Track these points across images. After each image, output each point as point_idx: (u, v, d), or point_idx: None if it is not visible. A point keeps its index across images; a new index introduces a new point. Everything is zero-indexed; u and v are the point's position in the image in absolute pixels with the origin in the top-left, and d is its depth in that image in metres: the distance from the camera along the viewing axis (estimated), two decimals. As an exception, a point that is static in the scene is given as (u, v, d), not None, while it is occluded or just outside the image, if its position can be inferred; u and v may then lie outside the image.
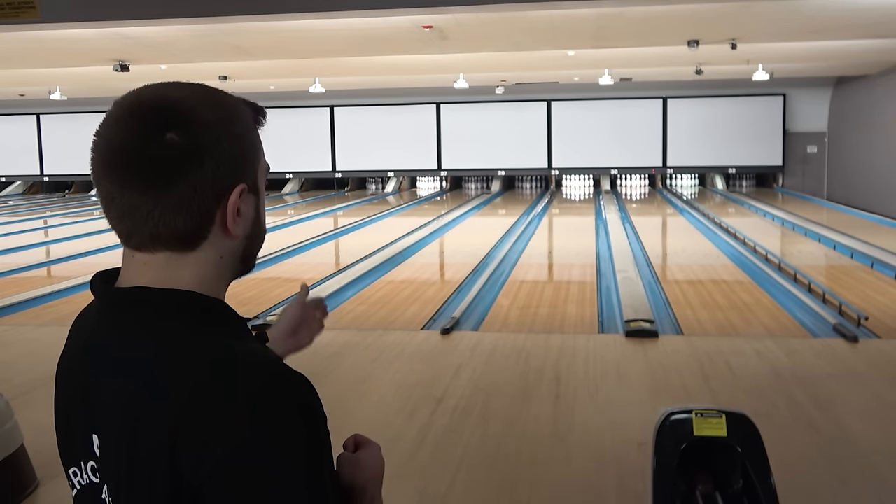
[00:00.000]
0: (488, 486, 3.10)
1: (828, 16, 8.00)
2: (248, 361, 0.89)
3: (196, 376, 0.87)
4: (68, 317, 4.88)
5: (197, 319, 0.95)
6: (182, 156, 0.92)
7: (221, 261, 1.00)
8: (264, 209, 1.06)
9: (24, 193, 21.15)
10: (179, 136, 0.92)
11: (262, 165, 1.03)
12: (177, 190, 0.92)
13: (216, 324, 0.96)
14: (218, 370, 0.88)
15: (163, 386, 0.88)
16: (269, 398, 0.87)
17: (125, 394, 0.90)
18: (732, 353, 4.77)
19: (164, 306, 0.95)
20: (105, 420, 0.92)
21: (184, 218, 0.93)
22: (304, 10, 6.55)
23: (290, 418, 0.87)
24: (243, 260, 1.04)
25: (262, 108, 1.04)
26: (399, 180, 19.96)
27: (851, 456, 3.31)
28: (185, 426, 0.85)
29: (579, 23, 8.07)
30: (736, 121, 17.84)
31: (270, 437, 0.85)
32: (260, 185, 1.03)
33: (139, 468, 0.87)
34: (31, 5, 6.28)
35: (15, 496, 2.97)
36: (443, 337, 5.27)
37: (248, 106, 1.02)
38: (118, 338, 0.95)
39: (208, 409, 0.85)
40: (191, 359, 0.89)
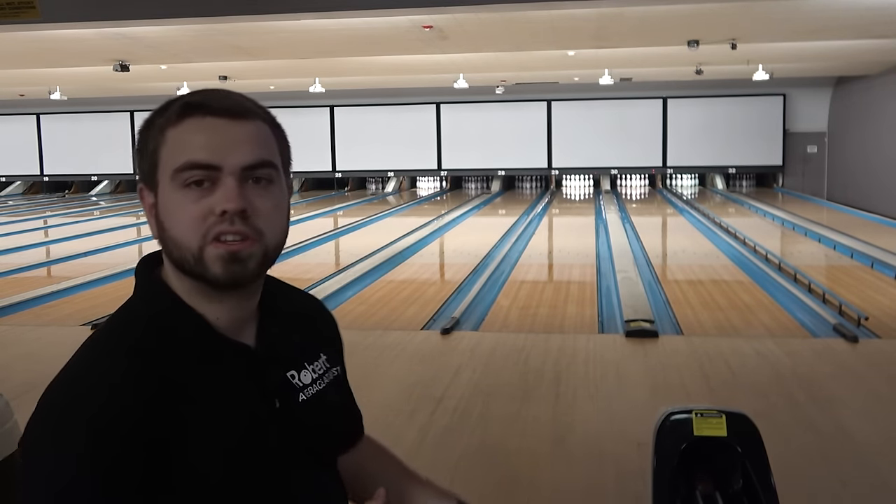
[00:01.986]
0: (488, 486, 3.10)
1: (828, 16, 8.00)
2: (73, 386, 0.94)
3: (57, 383, 0.96)
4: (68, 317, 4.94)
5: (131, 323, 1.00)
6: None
7: (168, 263, 1.04)
8: (175, 211, 0.97)
9: (24, 193, 21.14)
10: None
11: (164, 163, 0.97)
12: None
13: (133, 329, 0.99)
14: (63, 383, 0.95)
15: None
16: (55, 421, 0.91)
17: None
18: (732, 353, 4.77)
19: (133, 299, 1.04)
20: None
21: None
22: (304, 10, 6.55)
23: (50, 457, 0.89)
24: (180, 269, 1.00)
25: (190, 102, 0.98)
26: (399, 180, 19.96)
27: (851, 456, 3.31)
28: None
29: (579, 23, 8.07)
30: (736, 121, 17.84)
31: (31, 456, 0.90)
32: (161, 183, 0.98)
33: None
34: (31, 5, 6.28)
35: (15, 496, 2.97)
36: (443, 337, 5.27)
37: (174, 104, 1.00)
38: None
39: (36, 415, 0.93)
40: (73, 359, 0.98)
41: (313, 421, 1.09)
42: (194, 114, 0.97)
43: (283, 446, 1.03)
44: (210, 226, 0.96)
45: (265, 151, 1.00)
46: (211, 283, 0.98)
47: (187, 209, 0.96)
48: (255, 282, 1.02)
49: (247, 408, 1.00)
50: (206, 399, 0.96)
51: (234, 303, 1.02)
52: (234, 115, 0.98)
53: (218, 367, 1.00)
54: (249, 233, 0.97)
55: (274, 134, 1.03)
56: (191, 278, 0.99)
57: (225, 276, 0.97)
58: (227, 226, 0.96)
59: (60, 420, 0.90)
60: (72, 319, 6.14)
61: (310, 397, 1.09)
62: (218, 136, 0.96)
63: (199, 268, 0.97)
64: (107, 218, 15.16)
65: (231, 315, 1.02)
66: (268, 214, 0.99)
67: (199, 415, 0.95)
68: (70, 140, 20.48)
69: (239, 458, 0.97)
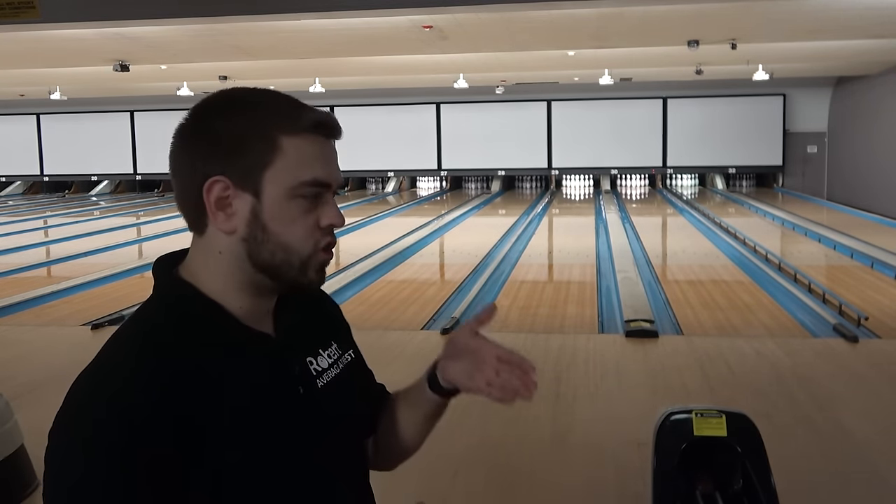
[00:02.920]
0: (488, 487, 3.10)
1: (828, 16, 8.00)
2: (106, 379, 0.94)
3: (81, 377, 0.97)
4: (68, 317, 4.93)
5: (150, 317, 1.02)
6: (181, 139, 1.01)
7: (221, 256, 1.02)
8: (282, 219, 1.00)
9: (24, 193, 21.14)
10: (187, 122, 1.02)
11: (275, 171, 1.00)
12: (177, 172, 1.03)
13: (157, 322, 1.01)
14: (86, 377, 0.96)
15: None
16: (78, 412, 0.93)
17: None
18: (732, 353, 4.77)
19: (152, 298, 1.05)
20: None
21: (183, 200, 1.03)
22: (304, 10, 6.55)
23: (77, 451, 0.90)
24: (258, 267, 1.01)
25: (324, 121, 1.04)
26: (399, 180, 19.96)
27: (851, 456, 3.31)
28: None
29: (579, 23, 8.07)
30: (736, 121, 17.83)
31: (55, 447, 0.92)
32: (266, 188, 0.99)
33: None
34: (31, 5, 6.28)
35: (15, 496, 2.97)
36: (443, 337, 5.27)
37: (284, 111, 1.02)
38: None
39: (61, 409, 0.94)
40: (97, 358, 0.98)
41: (333, 406, 1.11)
42: (320, 132, 1.04)
43: (309, 433, 1.06)
44: (320, 237, 1.04)
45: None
46: (300, 288, 1.05)
47: (304, 219, 1.02)
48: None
49: (273, 396, 1.03)
50: (233, 389, 0.98)
51: (271, 297, 1.07)
52: (336, 136, 1.08)
53: (243, 358, 1.02)
54: (334, 246, 1.07)
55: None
56: (272, 279, 1.03)
57: (318, 282, 1.06)
58: (330, 237, 1.05)
59: (85, 411, 0.92)
60: (72, 319, 6.13)
61: (328, 382, 1.12)
62: (330, 156, 1.06)
63: (299, 273, 1.03)
64: (107, 218, 15.16)
65: (260, 308, 1.06)
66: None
67: (227, 405, 0.97)
68: (70, 140, 20.47)
69: (268, 447, 0.99)
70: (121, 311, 6.10)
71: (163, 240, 11.06)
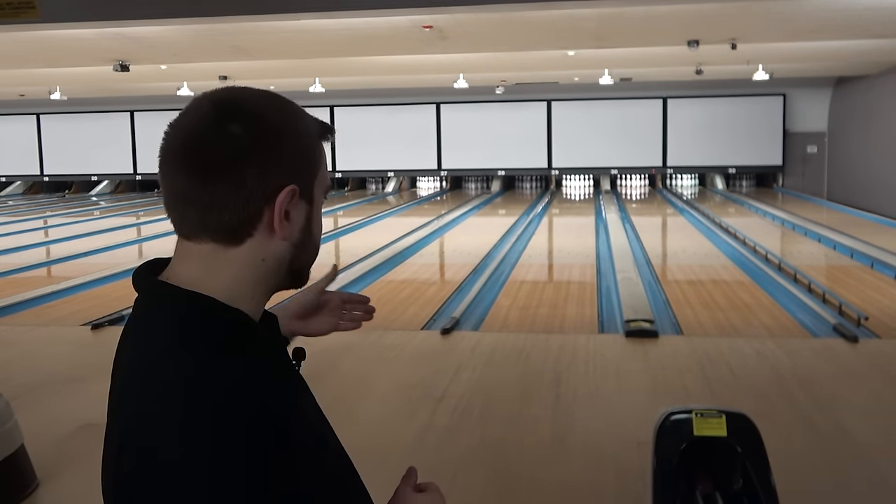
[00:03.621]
0: (488, 487, 3.10)
1: (828, 16, 8.00)
2: (201, 388, 0.89)
3: (151, 389, 0.91)
4: (68, 317, 4.92)
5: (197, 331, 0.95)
6: (239, 147, 0.95)
7: (263, 264, 1.00)
8: (319, 223, 1.05)
9: (24, 193, 21.14)
10: (241, 128, 0.95)
11: (320, 178, 1.03)
12: (229, 179, 0.94)
13: (213, 337, 0.95)
14: (168, 388, 0.90)
15: (129, 391, 0.93)
16: (198, 429, 0.87)
17: (115, 393, 0.96)
18: (732, 353, 4.77)
19: (175, 311, 0.97)
20: (108, 415, 0.97)
21: (231, 209, 0.95)
22: (304, 10, 6.55)
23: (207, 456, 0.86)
24: (291, 271, 1.03)
25: (329, 127, 1.06)
26: (399, 180, 19.96)
27: (851, 456, 3.31)
28: (123, 434, 0.90)
29: (579, 23, 8.07)
30: (736, 121, 17.84)
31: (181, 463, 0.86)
32: (316, 196, 1.02)
33: (107, 466, 0.93)
34: (31, 5, 6.28)
35: (15, 496, 2.97)
36: (443, 337, 5.27)
37: (315, 121, 1.04)
38: (133, 338, 0.99)
39: (146, 425, 0.89)
40: (157, 371, 0.92)
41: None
42: (327, 138, 1.06)
43: (315, 410, 1.08)
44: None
45: None
46: (298, 285, 1.08)
47: (322, 221, 1.08)
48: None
49: (299, 384, 1.06)
50: (280, 382, 1.00)
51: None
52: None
53: (273, 352, 1.04)
54: None
55: None
56: (294, 279, 1.05)
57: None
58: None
59: (220, 422, 0.88)
60: (72, 319, 6.13)
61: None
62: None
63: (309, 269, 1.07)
64: (107, 218, 15.16)
65: (261, 311, 1.06)
66: None
67: (284, 398, 0.98)
68: (70, 140, 20.48)
69: (316, 428, 1.02)
70: (121, 311, 6.10)
71: (163, 240, 11.06)
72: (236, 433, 0.87)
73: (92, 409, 4.28)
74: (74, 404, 3.95)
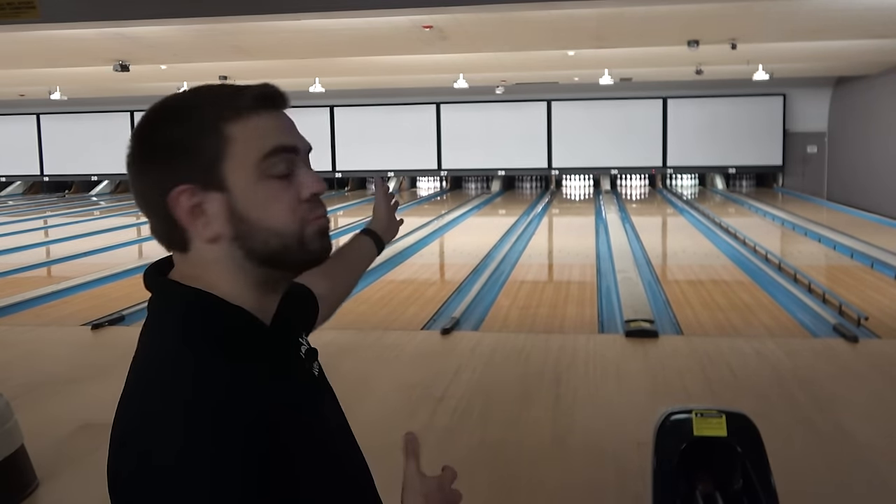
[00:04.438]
0: (488, 487, 3.10)
1: (828, 16, 8.00)
2: (201, 389, 0.89)
3: (151, 389, 0.91)
4: (68, 317, 4.92)
5: (199, 328, 0.95)
6: (130, 160, 0.98)
7: (218, 266, 0.98)
8: (258, 203, 0.96)
9: (24, 193, 21.14)
10: (133, 141, 0.98)
11: (234, 157, 0.95)
12: (135, 191, 0.99)
13: (214, 335, 0.95)
14: (168, 389, 0.90)
15: (132, 389, 0.93)
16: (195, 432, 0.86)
17: (123, 391, 0.96)
18: (732, 353, 4.77)
19: (179, 309, 0.97)
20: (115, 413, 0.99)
21: (153, 218, 0.99)
22: (304, 10, 6.55)
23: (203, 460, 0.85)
24: (260, 262, 0.98)
25: (262, 90, 0.99)
26: (399, 180, 19.96)
27: (851, 456, 3.31)
28: (124, 433, 0.90)
29: (579, 23, 8.07)
30: (736, 121, 17.84)
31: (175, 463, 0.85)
32: (231, 179, 0.95)
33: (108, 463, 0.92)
34: (31, 5, 6.28)
35: (15, 496, 2.97)
36: (443, 337, 5.27)
37: (235, 96, 0.98)
38: (142, 337, 0.99)
39: (145, 426, 0.88)
40: (159, 370, 0.92)
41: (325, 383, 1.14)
42: (263, 105, 0.99)
43: (330, 413, 1.08)
44: (306, 209, 0.99)
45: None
46: (309, 265, 1.01)
47: (283, 197, 0.98)
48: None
49: (307, 389, 1.05)
50: (281, 386, 0.98)
51: (279, 292, 1.04)
52: (285, 105, 1.03)
53: (277, 355, 1.02)
54: (325, 211, 1.03)
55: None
56: (276, 268, 0.99)
57: (323, 250, 1.01)
58: (315, 205, 1.00)
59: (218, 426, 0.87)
60: (72, 319, 6.13)
61: (316, 364, 1.15)
62: (285, 124, 1.02)
63: (301, 251, 0.99)
64: (107, 218, 15.16)
65: (272, 305, 1.04)
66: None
67: (283, 400, 0.96)
68: (70, 140, 20.47)
69: (322, 434, 1.01)
70: (121, 311, 6.10)
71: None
72: (233, 437, 0.87)
73: (92, 409, 4.29)
74: (74, 404, 3.95)
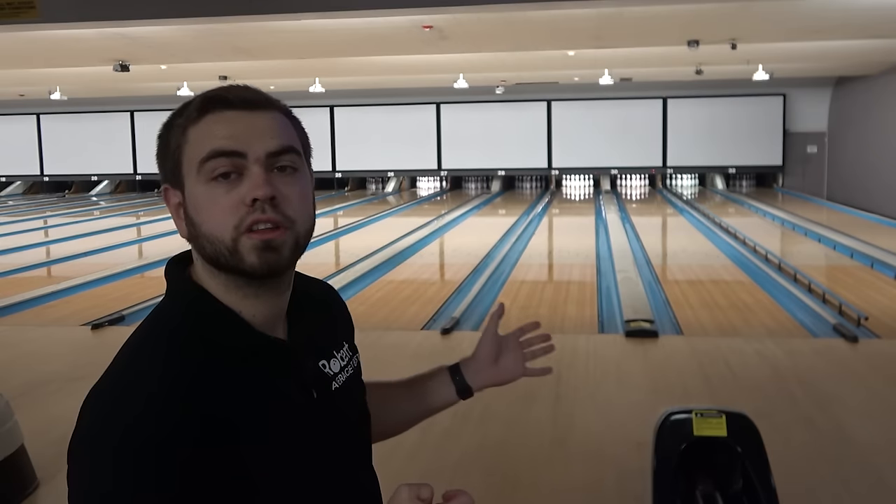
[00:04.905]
0: (488, 487, 3.10)
1: (828, 16, 7.99)
2: (132, 386, 0.93)
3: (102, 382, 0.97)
4: (68, 317, 4.92)
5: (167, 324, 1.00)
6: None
7: (201, 263, 1.02)
8: (200, 206, 0.97)
9: (24, 193, 21.14)
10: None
11: (187, 158, 0.98)
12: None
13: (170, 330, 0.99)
14: (108, 386, 0.95)
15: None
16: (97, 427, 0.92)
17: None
18: (732, 353, 4.76)
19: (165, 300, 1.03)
20: None
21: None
22: (304, 10, 6.55)
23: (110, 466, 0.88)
24: (213, 266, 0.99)
25: (209, 97, 1.00)
26: (399, 180, 19.96)
27: (851, 456, 3.30)
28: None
29: (579, 23, 8.07)
30: (736, 121, 17.83)
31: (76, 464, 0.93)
32: (187, 182, 0.98)
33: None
34: (31, 5, 6.28)
35: (15, 496, 2.97)
36: (443, 337, 5.27)
37: (197, 100, 1.01)
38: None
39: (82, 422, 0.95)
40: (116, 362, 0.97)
41: (349, 408, 1.11)
42: (214, 108, 0.98)
43: (324, 437, 1.04)
44: (242, 216, 0.95)
45: (287, 138, 1.01)
46: (247, 275, 0.98)
47: (218, 202, 0.96)
48: (288, 270, 1.02)
49: (288, 402, 1.01)
50: (248, 397, 0.96)
51: (269, 297, 1.02)
52: (253, 107, 0.99)
53: (257, 364, 1.00)
54: (281, 220, 0.97)
55: (292, 124, 1.04)
56: (226, 273, 0.99)
57: (261, 265, 0.96)
58: (258, 214, 0.95)
59: (103, 426, 0.90)
60: (72, 319, 6.13)
61: (341, 385, 1.11)
62: (240, 127, 0.97)
63: (235, 260, 0.96)
64: (107, 218, 15.16)
65: (266, 310, 1.02)
66: (296, 201, 0.99)
67: (243, 413, 0.95)
68: (70, 140, 20.47)
69: (285, 453, 0.98)
70: (121, 311, 6.10)
71: (163, 240, 11.06)
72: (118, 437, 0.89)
73: (92, 409, 4.28)
74: (74, 404, 3.92)
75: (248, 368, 0.98)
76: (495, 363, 1.36)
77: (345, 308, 1.26)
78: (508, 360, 1.38)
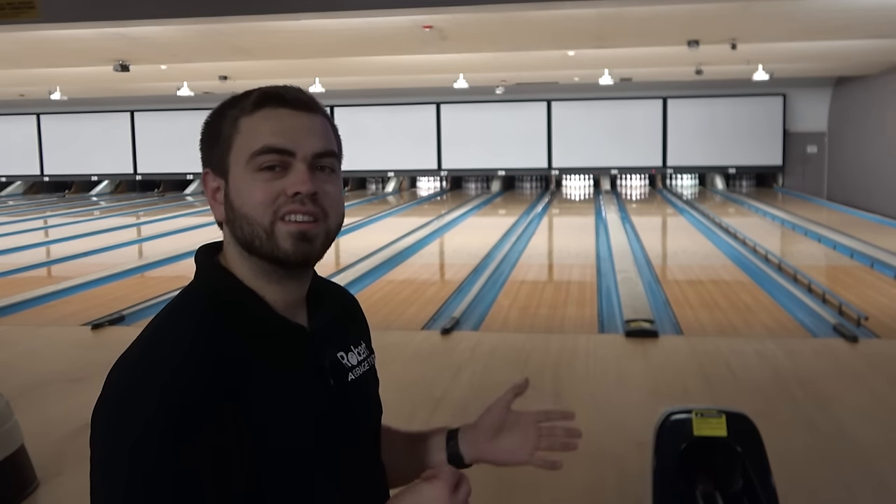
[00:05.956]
0: (488, 487, 3.10)
1: (828, 16, 7.99)
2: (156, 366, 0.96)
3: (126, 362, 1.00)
4: (68, 317, 4.93)
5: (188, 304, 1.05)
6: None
7: (230, 246, 1.08)
8: (243, 193, 1.04)
9: (24, 193, 21.14)
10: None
11: (237, 148, 1.05)
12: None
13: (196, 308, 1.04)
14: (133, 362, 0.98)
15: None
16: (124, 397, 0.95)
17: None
18: (732, 354, 4.77)
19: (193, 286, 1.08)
20: None
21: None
22: (304, 10, 6.55)
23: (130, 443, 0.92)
24: (245, 249, 1.06)
25: (265, 93, 1.07)
26: (399, 180, 19.96)
27: (851, 456, 3.31)
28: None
29: (579, 23, 8.07)
30: (736, 121, 17.83)
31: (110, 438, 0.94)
32: (232, 169, 1.05)
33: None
34: (31, 5, 6.28)
35: (15, 496, 2.97)
36: (443, 337, 5.27)
37: (253, 95, 1.07)
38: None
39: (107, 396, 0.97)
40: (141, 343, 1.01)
41: (360, 402, 1.16)
42: (269, 104, 1.06)
43: (336, 424, 1.09)
44: (281, 205, 1.04)
45: (330, 142, 1.10)
46: (280, 261, 1.05)
47: (261, 188, 1.04)
48: (318, 260, 1.10)
49: (305, 384, 1.07)
50: (266, 375, 1.02)
51: (292, 285, 1.09)
52: (305, 108, 1.08)
53: (277, 346, 1.05)
54: (318, 213, 1.05)
55: (332, 129, 1.13)
56: (258, 258, 1.05)
57: (294, 253, 1.04)
58: (297, 206, 1.04)
59: (130, 396, 0.94)
60: (72, 319, 6.13)
61: (357, 378, 1.16)
62: (292, 125, 1.06)
63: (270, 244, 1.04)
64: (107, 218, 15.16)
65: (288, 297, 1.09)
66: (333, 199, 1.08)
67: (261, 390, 1.00)
68: (70, 140, 20.47)
69: (297, 431, 1.03)
70: (121, 311, 6.10)
71: (163, 240, 11.06)
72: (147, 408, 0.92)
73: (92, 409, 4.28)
74: (74, 404, 3.95)
75: (270, 349, 1.04)
76: (494, 438, 1.25)
77: (363, 314, 1.33)
78: (512, 441, 1.26)
